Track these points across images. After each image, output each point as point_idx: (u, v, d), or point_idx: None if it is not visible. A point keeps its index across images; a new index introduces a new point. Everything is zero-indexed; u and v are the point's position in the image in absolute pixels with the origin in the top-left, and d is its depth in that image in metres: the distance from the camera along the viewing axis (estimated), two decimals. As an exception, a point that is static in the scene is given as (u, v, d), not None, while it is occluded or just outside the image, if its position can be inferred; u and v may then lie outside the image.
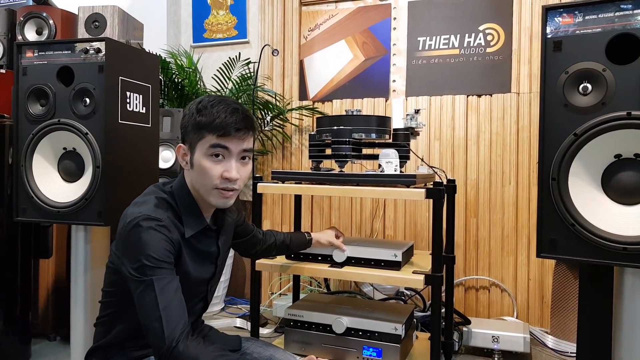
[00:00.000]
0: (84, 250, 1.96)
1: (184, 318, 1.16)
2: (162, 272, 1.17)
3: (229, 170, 1.26)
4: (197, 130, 1.26)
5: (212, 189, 1.27)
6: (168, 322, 1.12)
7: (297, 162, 3.27)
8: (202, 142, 1.25)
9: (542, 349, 2.55)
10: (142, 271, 1.16)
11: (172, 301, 1.15)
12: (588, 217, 1.33)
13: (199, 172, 1.27)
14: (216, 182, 1.26)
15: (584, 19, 1.33)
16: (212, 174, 1.26)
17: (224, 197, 1.29)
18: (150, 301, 1.14)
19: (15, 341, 2.29)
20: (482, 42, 2.89)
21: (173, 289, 1.17)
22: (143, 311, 1.15)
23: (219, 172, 1.26)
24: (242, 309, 3.22)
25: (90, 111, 1.84)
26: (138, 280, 1.16)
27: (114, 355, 1.31)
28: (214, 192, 1.28)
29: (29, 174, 1.89)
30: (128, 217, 1.22)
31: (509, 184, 2.80)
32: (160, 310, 1.13)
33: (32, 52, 1.94)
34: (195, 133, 1.26)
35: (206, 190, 1.28)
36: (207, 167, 1.25)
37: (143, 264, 1.16)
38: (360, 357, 1.99)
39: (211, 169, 1.25)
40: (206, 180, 1.27)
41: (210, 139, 1.25)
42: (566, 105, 1.36)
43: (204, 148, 1.26)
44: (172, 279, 1.18)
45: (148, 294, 1.14)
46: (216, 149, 1.25)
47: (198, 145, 1.26)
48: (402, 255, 1.96)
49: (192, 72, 3.23)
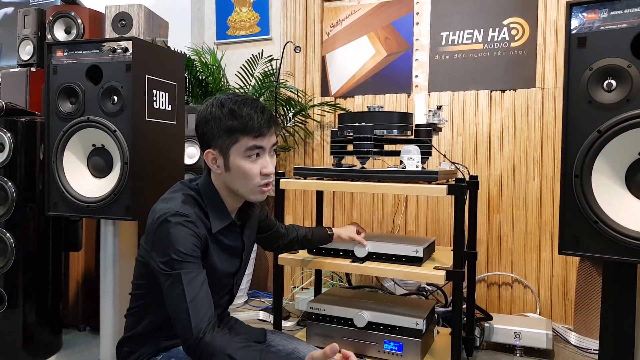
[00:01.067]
0: (113, 244, 2.02)
1: (210, 310, 1.19)
2: (189, 266, 1.20)
3: (266, 166, 1.32)
4: (230, 134, 1.28)
5: (255, 187, 1.33)
6: (195, 313, 1.16)
7: (319, 157, 3.29)
8: (237, 145, 1.29)
9: (565, 346, 2.53)
10: (171, 265, 1.20)
11: (199, 293, 1.19)
12: (611, 215, 1.33)
13: (239, 174, 1.31)
14: (258, 180, 1.32)
15: (609, 14, 1.32)
16: (253, 174, 1.31)
17: (263, 192, 1.35)
18: (178, 294, 1.17)
19: (47, 331, 2.37)
20: (506, 36, 2.87)
21: (200, 282, 1.21)
22: (171, 303, 1.19)
23: (257, 170, 1.31)
24: (264, 302, 3.27)
25: (118, 109, 1.89)
26: (166, 273, 1.20)
27: (144, 345, 1.36)
28: (256, 190, 1.33)
29: (59, 170, 1.95)
30: (157, 212, 1.26)
31: (533, 180, 2.78)
32: (187, 303, 1.16)
33: (62, 52, 1.99)
34: (228, 137, 1.29)
35: (248, 189, 1.33)
36: (248, 168, 1.30)
37: (171, 258, 1.20)
38: (381, 351, 2.01)
39: (252, 169, 1.30)
40: (248, 180, 1.31)
41: (247, 142, 1.29)
42: (590, 102, 1.35)
43: (240, 151, 1.29)
44: (199, 273, 1.22)
45: (176, 287, 1.18)
46: (253, 150, 1.30)
47: (232, 149, 1.30)
48: (424, 251, 1.97)
49: (216, 70, 3.28)
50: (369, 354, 2.03)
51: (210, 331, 1.16)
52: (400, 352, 1.98)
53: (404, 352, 1.98)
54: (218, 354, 1.13)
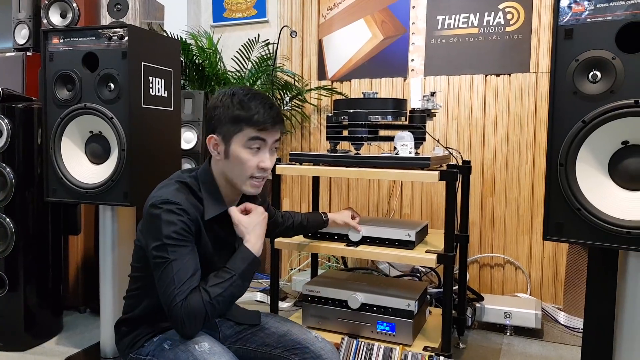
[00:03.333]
0: (111, 229, 2.06)
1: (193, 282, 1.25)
2: (181, 251, 1.26)
3: (264, 160, 1.36)
4: (235, 122, 1.33)
5: (248, 179, 1.36)
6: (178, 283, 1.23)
7: (316, 141, 3.32)
8: (240, 134, 1.33)
9: (554, 325, 2.60)
10: (163, 250, 1.25)
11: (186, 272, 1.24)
12: (594, 202, 1.37)
13: (236, 162, 1.35)
14: (253, 171, 1.35)
15: (595, 6, 1.34)
16: (250, 165, 1.34)
17: (257, 186, 1.39)
18: (169, 281, 1.23)
19: (48, 313, 2.43)
20: (501, 20, 2.87)
21: (192, 264, 1.27)
22: (161, 287, 1.25)
23: (255, 163, 1.35)
24: (262, 283, 3.32)
25: (114, 96, 1.92)
26: (159, 261, 1.26)
27: (142, 325, 1.41)
28: (249, 181, 1.37)
29: (57, 157, 1.99)
30: (150, 200, 1.32)
31: (526, 163, 2.82)
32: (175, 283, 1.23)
33: (58, 39, 2.01)
34: (233, 125, 1.33)
35: (241, 179, 1.37)
36: (246, 158, 1.34)
37: (163, 243, 1.25)
38: (375, 332, 2.07)
39: (249, 160, 1.34)
40: (243, 170, 1.35)
41: (250, 132, 1.33)
42: (575, 92, 1.38)
43: (242, 140, 1.34)
44: (190, 257, 1.27)
45: (167, 274, 1.24)
46: (255, 142, 1.34)
47: (235, 137, 1.34)
48: (416, 235, 2.02)
49: (213, 54, 3.28)
50: (363, 334, 2.09)
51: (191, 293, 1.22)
52: (393, 333, 2.04)
53: (396, 333, 2.04)
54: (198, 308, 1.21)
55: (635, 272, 1.39)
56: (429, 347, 2.00)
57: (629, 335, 1.42)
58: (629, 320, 1.41)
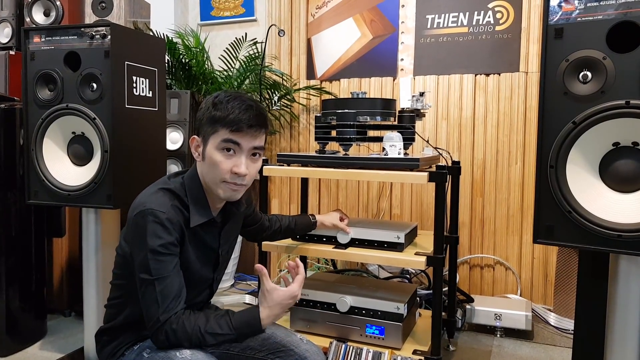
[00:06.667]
0: (95, 232, 2.02)
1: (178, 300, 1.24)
2: (165, 266, 1.23)
3: (238, 165, 1.30)
4: (212, 123, 1.29)
5: (221, 182, 1.31)
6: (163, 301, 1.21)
7: (305, 141, 3.29)
8: (215, 135, 1.29)
9: (544, 326, 2.59)
10: (147, 262, 1.22)
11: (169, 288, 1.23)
12: (584, 205, 1.35)
13: (210, 164, 1.31)
14: (225, 176, 1.30)
15: (585, 6, 1.32)
16: (222, 168, 1.29)
17: (232, 190, 1.33)
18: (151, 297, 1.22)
19: (32, 317, 2.38)
20: (491, 20, 2.86)
21: (176, 282, 1.25)
22: (143, 300, 1.23)
23: (228, 167, 1.30)
24: (251, 285, 3.29)
25: (97, 96, 1.87)
26: (142, 278, 1.24)
27: (123, 334, 1.37)
28: (222, 185, 1.32)
29: (39, 158, 1.94)
30: (134, 208, 1.28)
31: (515, 164, 2.81)
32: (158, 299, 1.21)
33: (39, 38, 1.96)
34: (209, 126, 1.30)
35: (215, 182, 1.32)
36: (218, 160, 1.29)
37: (147, 257, 1.22)
38: (364, 335, 2.04)
39: (221, 163, 1.29)
40: (216, 173, 1.31)
41: (223, 134, 1.28)
42: (566, 93, 1.36)
43: (216, 142, 1.29)
44: (174, 273, 1.25)
45: (150, 291, 1.22)
46: (228, 144, 1.29)
47: (211, 139, 1.30)
48: (405, 237, 1.99)
49: (199, 52, 3.24)
50: (352, 338, 2.06)
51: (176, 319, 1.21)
52: (382, 336, 2.02)
53: (385, 336, 2.01)
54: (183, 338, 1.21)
55: (626, 275, 1.38)
56: (418, 351, 1.97)
57: (621, 337, 1.41)
58: (620, 323, 1.40)
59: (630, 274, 1.37)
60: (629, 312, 1.38)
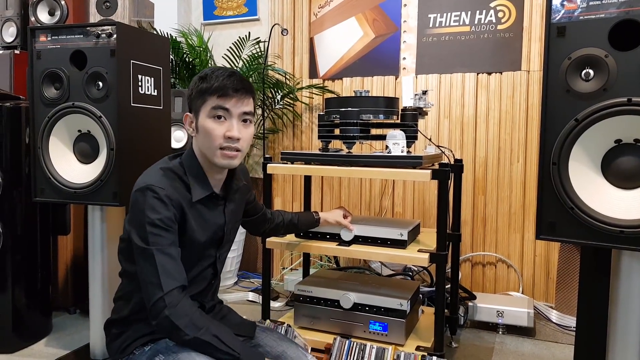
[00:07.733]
0: (101, 229, 2.04)
1: (179, 280, 1.25)
2: (162, 241, 1.25)
3: (230, 129, 1.34)
4: (200, 95, 1.35)
5: (217, 149, 1.35)
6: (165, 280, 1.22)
7: (308, 140, 3.31)
8: (205, 106, 1.35)
9: (546, 324, 2.60)
10: (145, 239, 1.25)
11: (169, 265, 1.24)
12: (587, 201, 1.36)
13: (204, 134, 1.35)
14: (220, 141, 1.34)
15: (587, 4, 1.33)
16: (216, 134, 1.33)
17: (228, 157, 1.36)
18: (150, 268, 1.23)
19: (37, 314, 2.40)
20: (493, 19, 2.87)
21: (172, 256, 1.26)
22: (142, 275, 1.25)
23: (221, 132, 1.34)
24: (254, 282, 3.31)
25: (103, 95, 1.89)
26: (141, 248, 1.25)
27: (132, 326, 1.38)
28: (218, 153, 1.35)
29: (45, 156, 1.96)
30: (135, 186, 1.31)
31: (517, 162, 2.82)
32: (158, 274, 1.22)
33: (45, 37, 1.98)
34: (198, 99, 1.36)
35: (211, 151, 1.35)
36: (211, 127, 1.34)
37: (145, 231, 1.25)
38: (367, 332, 2.06)
39: (214, 130, 1.33)
40: (210, 140, 1.34)
41: (212, 102, 1.34)
42: (568, 90, 1.37)
43: (206, 111, 1.34)
44: (172, 248, 1.27)
45: (149, 262, 1.24)
46: (217, 111, 1.34)
47: (201, 110, 1.35)
48: (408, 234, 2.01)
49: (203, 52, 3.26)
50: (355, 334, 2.08)
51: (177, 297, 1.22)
52: (385, 332, 2.03)
53: (388, 332, 2.03)
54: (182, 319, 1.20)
55: (628, 271, 1.39)
56: (421, 347, 1.99)
57: (623, 334, 1.42)
58: (623, 319, 1.41)
59: (632, 270, 1.38)
60: (631, 308, 1.39)
